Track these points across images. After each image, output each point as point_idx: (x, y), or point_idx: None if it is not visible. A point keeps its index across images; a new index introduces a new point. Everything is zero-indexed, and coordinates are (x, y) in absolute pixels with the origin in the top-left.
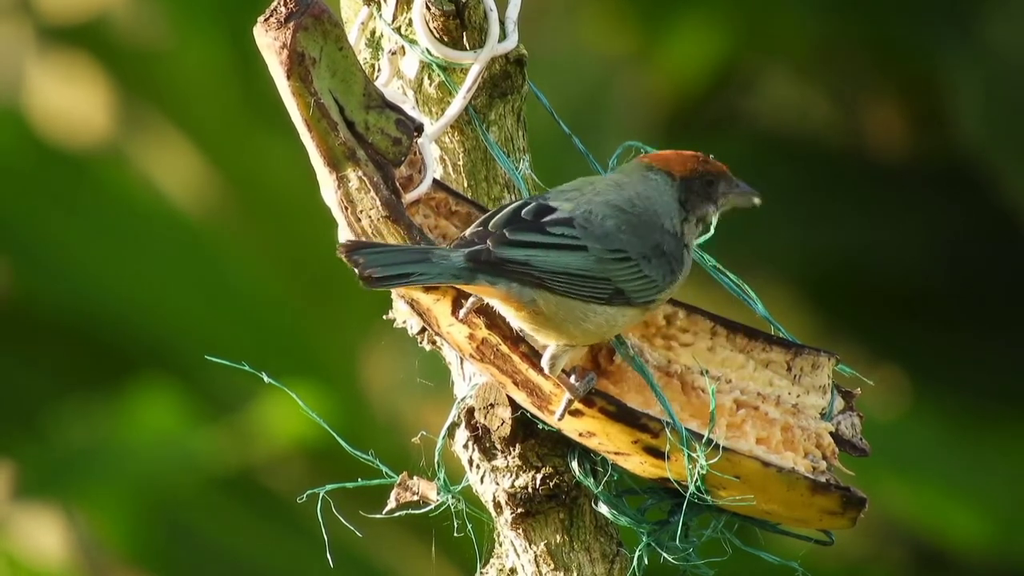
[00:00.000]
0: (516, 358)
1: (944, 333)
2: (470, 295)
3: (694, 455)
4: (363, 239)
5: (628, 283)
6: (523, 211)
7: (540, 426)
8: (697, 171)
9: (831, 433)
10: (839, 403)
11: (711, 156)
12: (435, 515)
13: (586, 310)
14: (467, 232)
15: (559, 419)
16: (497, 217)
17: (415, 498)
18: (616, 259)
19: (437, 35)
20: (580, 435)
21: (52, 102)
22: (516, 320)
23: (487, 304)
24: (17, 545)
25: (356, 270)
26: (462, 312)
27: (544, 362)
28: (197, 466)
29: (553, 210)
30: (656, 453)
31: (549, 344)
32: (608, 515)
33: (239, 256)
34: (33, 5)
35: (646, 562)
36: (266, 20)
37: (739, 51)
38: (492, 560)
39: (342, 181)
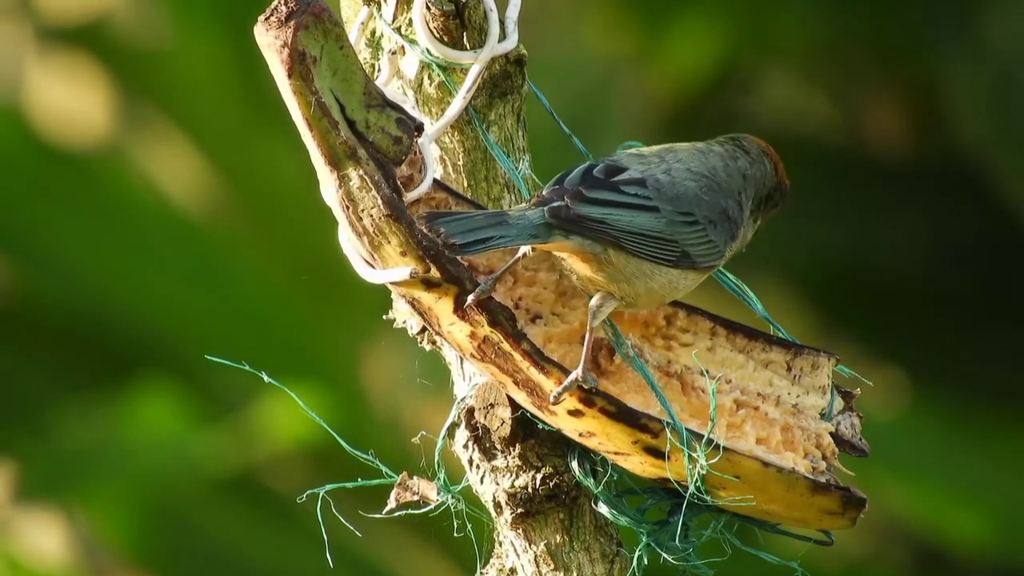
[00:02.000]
0: (517, 356)
1: (944, 333)
2: (472, 291)
3: (694, 455)
4: (366, 237)
5: (694, 247)
6: (594, 171)
7: (540, 426)
8: (784, 179)
9: (831, 433)
10: (839, 403)
11: None
12: (435, 515)
13: (654, 269)
14: (544, 191)
15: (555, 400)
16: (571, 176)
17: (415, 498)
18: (685, 222)
19: (437, 35)
20: (580, 435)
21: (52, 102)
22: (580, 270)
23: (490, 299)
24: (18, 546)
25: (439, 240)
26: (469, 299)
27: (592, 302)
28: (198, 466)
29: (624, 170)
30: (656, 453)
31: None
32: (608, 515)
33: (240, 256)
34: (33, 5)
35: (646, 562)
36: (267, 19)
37: (739, 51)
38: (492, 560)
39: (343, 180)
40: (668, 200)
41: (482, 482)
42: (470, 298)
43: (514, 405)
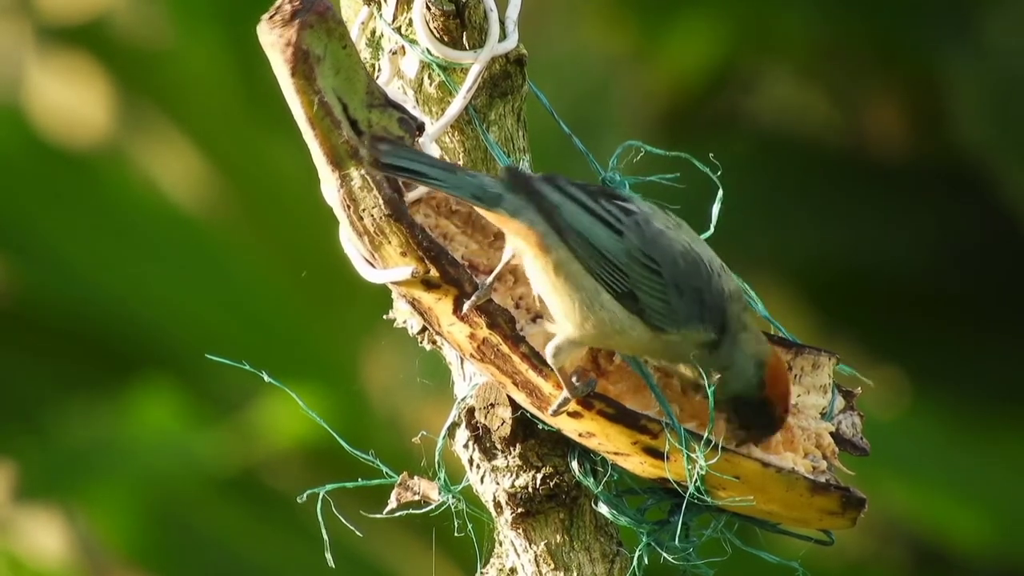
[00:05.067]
0: (516, 358)
1: (944, 333)
2: (472, 293)
3: (693, 456)
4: (366, 237)
5: (647, 294)
6: (591, 186)
7: (540, 426)
8: (778, 413)
9: (831, 433)
10: (839, 403)
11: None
12: (435, 515)
13: (595, 298)
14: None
15: (553, 414)
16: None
17: (415, 498)
18: (646, 266)
19: (437, 35)
20: (580, 435)
21: (52, 102)
22: (531, 270)
23: (489, 302)
24: (18, 545)
25: (371, 154)
26: (466, 305)
27: (548, 349)
28: (198, 466)
29: (625, 200)
30: (656, 454)
31: (556, 332)
32: (608, 515)
33: (240, 256)
34: (33, 5)
35: (646, 562)
36: (270, 18)
37: (739, 51)
38: (492, 560)
39: (345, 179)
40: (640, 238)
41: (482, 482)
42: (467, 304)
43: (514, 405)
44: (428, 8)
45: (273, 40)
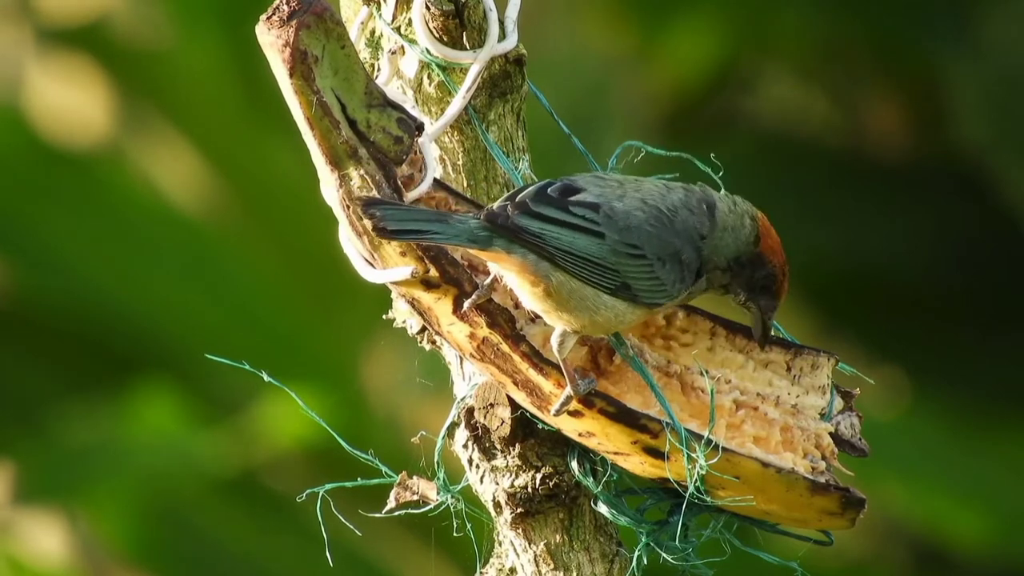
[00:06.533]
0: (516, 358)
1: (944, 333)
2: (472, 293)
3: (693, 455)
4: (366, 237)
5: (637, 280)
6: (549, 189)
7: (540, 426)
8: (775, 264)
9: (830, 433)
10: (838, 403)
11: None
12: (435, 515)
13: (597, 302)
14: (494, 204)
15: (555, 414)
16: (525, 191)
17: (415, 498)
18: (630, 254)
19: (437, 35)
20: (580, 435)
21: (53, 102)
22: (530, 299)
23: (489, 302)
24: (19, 547)
25: (371, 222)
26: (466, 304)
27: (553, 340)
28: (198, 466)
29: (580, 191)
30: (656, 453)
31: (558, 326)
32: (608, 515)
33: (240, 256)
34: (33, 6)
35: (645, 562)
36: (268, 18)
37: (739, 51)
38: (492, 560)
39: (344, 179)
40: (617, 230)
41: (482, 482)
42: (467, 304)
43: (514, 405)
44: (427, 8)
45: (271, 40)
